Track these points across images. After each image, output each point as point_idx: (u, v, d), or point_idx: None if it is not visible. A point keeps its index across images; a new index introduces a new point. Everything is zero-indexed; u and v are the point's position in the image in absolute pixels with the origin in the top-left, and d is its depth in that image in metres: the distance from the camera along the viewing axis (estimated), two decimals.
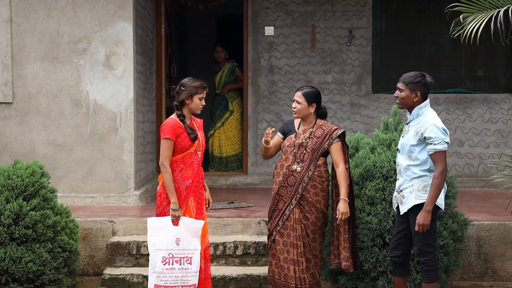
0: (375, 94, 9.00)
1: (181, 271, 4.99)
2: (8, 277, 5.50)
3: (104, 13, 7.35)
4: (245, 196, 8.16)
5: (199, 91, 5.08)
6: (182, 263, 5.00)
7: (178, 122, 5.06)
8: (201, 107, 5.14)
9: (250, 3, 8.98)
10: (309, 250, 5.31)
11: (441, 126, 4.82)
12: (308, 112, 5.35)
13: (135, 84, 7.46)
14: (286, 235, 5.32)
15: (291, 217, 5.30)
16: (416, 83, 4.88)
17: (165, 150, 5.02)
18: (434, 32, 9.05)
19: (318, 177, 5.31)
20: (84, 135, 7.41)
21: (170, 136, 5.00)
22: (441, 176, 4.77)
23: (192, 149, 5.08)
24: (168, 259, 4.98)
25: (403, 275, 5.12)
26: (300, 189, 5.28)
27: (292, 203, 5.29)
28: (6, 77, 7.37)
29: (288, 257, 5.31)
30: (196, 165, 5.12)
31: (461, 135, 8.98)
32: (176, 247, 5.00)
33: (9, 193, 5.63)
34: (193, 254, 5.03)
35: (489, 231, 6.39)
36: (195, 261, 5.03)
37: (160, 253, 4.99)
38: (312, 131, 5.36)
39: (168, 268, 4.98)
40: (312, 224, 5.32)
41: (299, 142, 5.34)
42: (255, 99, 9.03)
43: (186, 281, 5.00)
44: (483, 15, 5.64)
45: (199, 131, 5.18)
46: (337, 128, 5.39)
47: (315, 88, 5.45)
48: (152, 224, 5.04)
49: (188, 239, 5.02)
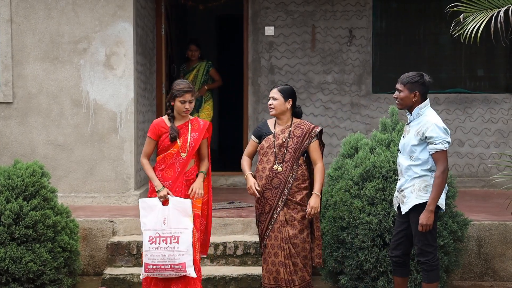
0: (375, 94, 9.00)
1: (167, 250, 5.08)
2: (8, 277, 5.50)
3: (104, 13, 7.35)
4: (245, 196, 8.14)
5: (179, 94, 5.16)
6: (169, 242, 5.09)
7: (163, 122, 5.24)
8: (185, 110, 5.18)
9: (250, 3, 8.98)
10: (296, 252, 5.27)
11: (442, 125, 4.82)
12: (284, 108, 5.34)
13: (135, 84, 7.47)
14: (273, 238, 5.29)
15: (277, 219, 5.28)
16: (414, 83, 4.88)
17: (144, 146, 5.29)
18: (434, 32, 9.05)
19: (301, 176, 5.30)
20: (84, 135, 7.41)
21: (150, 134, 5.23)
22: (442, 176, 4.78)
23: (173, 149, 5.18)
24: (155, 238, 5.10)
25: (403, 275, 5.12)
26: (285, 190, 5.26)
27: (279, 205, 5.28)
28: (7, 77, 7.38)
29: (276, 260, 5.28)
30: (179, 167, 5.19)
31: (461, 135, 8.98)
32: (163, 227, 5.11)
33: (9, 193, 5.63)
34: (181, 234, 5.11)
35: (489, 231, 6.39)
36: (184, 241, 5.09)
37: (148, 233, 5.12)
38: (291, 130, 5.34)
39: (155, 247, 5.09)
40: (299, 223, 5.29)
41: (279, 143, 5.31)
42: (255, 99, 9.03)
43: (173, 260, 5.08)
44: (483, 15, 5.64)
45: (193, 133, 5.22)
46: (315, 126, 5.39)
47: (290, 86, 5.46)
48: (143, 204, 5.19)
49: (177, 218, 5.11)
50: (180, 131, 5.20)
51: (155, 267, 5.08)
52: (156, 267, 5.08)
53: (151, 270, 5.10)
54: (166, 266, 5.07)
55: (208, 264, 6.31)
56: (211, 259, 6.32)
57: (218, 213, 6.96)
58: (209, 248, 6.22)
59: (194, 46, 9.04)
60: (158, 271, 5.09)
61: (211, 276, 6.05)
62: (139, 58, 7.75)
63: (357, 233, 5.61)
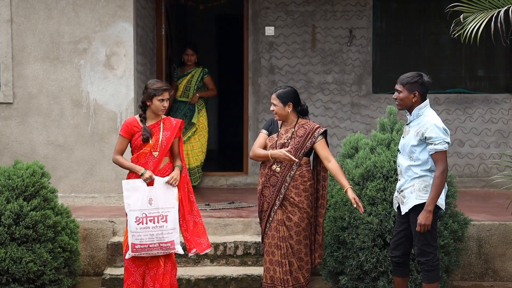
0: (376, 94, 9.00)
1: (155, 229, 5.17)
2: (8, 277, 5.50)
3: (104, 13, 7.35)
4: (245, 196, 8.15)
5: (158, 93, 5.21)
6: (156, 221, 5.17)
7: (135, 121, 5.29)
8: (163, 109, 5.24)
9: (251, 3, 8.98)
10: (292, 252, 5.27)
11: (441, 126, 4.82)
12: (285, 113, 5.33)
13: (136, 84, 7.47)
14: (271, 237, 5.30)
15: (275, 218, 5.29)
16: (414, 83, 4.88)
17: (116, 144, 5.35)
18: (435, 32, 9.05)
19: (299, 177, 5.29)
20: (84, 135, 7.41)
21: (122, 133, 5.29)
22: (442, 176, 4.78)
23: (145, 149, 5.24)
24: (142, 219, 5.16)
25: (404, 275, 5.12)
26: (282, 189, 5.26)
27: (276, 204, 5.28)
28: (7, 77, 7.38)
29: (273, 259, 5.28)
30: (152, 166, 5.24)
31: (461, 135, 8.98)
32: (149, 207, 5.18)
33: (9, 193, 5.63)
34: (169, 212, 5.20)
35: (490, 231, 6.39)
36: (171, 219, 5.19)
37: (133, 214, 5.17)
38: (294, 130, 5.34)
39: (143, 228, 5.16)
40: (296, 225, 5.28)
41: (281, 143, 5.31)
42: (255, 99, 9.03)
43: (162, 239, 5.17)
44: (483, 15, 5.64)
45: (165, 132, 5.26)
46: (319, 126, 5.37)
47: (291, 87, 5.42)
48: (126, 186, 5.24)
49: (164, 198, 5.19)
50: (153, 130, 5.26)
51: (143, 246, 5.16)
52: (144, 247, 5.16)
53: (139, 250, 5.17)
54: (155, 245, 5.16)
55: (208, 264, 6.31)
56: (211, 259, 6.32)
57: (218, 213, 6.97)
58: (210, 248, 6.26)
59: (191, 50, 8.63)
60: (146, 250, 5.18)
61: (211, 276, 6.05)
62: (139, 58, 7.75)
63: (357, 233, 5.61)
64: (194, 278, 6.04)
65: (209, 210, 7.16)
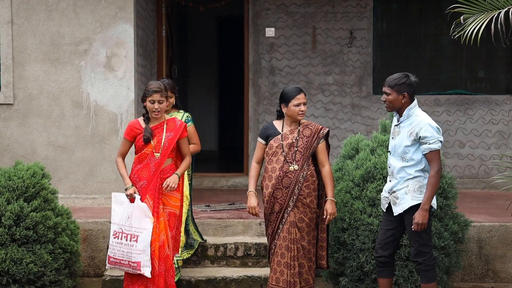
0: (376, 95, 9.00)
1: (127, 246, 5.23)
2: (9, 278, 5.50)
3: (105, 14, 7.35)
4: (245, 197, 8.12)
5: (148, 94, 5.24)
6: (129, 239, 5.23)
7: (138, 123, 5.34)
8: (154, 110, 5.23)
9: (251, 4, 8.99)
10: (303, 254, 5.25)
11: (434, 125, 4.84)
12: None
13: (136, 86, 7.47)
14: (282, 238, 5.26)
15: (287, 220, 5.26)
16: (402, 85, 4.88)
17: (120, 146, 5.43)
18: (435, 33, 9.06)
19: (310, 177, 5.28)
20: (85, 136, 7.42)
21: (125, 135, 5.35)
22: (437, 175, 4.78)
23: (147, 150, 5.26)
24: (119, 234, 5.27)
25: (389, 276, 5.10)
26: (296, 189, 5.24)
27: (290, 205, 5.24)
28: (7, 79, 7.38)
29: (282, 261, 5.25)
30: (153, 166, 5.26)
31: (462, 137, 8.98)
32: (126, 223, 5.25)
33: (10, 194, 5.63)
34: (141, 233, 5.22)
35: (490, 233, 6.39)
36: (142, 240, 5.20)
37: (113, 227, 5.29)
38: (300, 130, 5.32)
39: (117, 242, 5.26)
40: (307, 225, 5.27)
41: (289, 143, 5.28)
42: (256, 101, 9.03)
43: (130, 257, 5.22)
44: (483, 16, 5.64)
45: (168, 133, 5.27)
46: (323, 127, 5.38)
47: None
48: (114, 198, 5.35)
49: (139, 217, 5.23)
50: (155, 132, 5.27)
51: (115, 260, 5.26)
52: (116, 261, 5.26)
53: (113, 263, 5.28)
54: (125, 262, 5.23)
55: (208, 266, 6.31)
56: (211, 261, 6.32)
57: (218, 214, 6.96)
58: (210, 249, 6.29)
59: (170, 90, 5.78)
60: (119, 265, 5.27)
61: (211, 277, 6.05)
62: (140, 59, 7.75)
63: (358, 234, 5.61)
64: (195, 279, 6.04)
65: (209, 211, 7.17)
